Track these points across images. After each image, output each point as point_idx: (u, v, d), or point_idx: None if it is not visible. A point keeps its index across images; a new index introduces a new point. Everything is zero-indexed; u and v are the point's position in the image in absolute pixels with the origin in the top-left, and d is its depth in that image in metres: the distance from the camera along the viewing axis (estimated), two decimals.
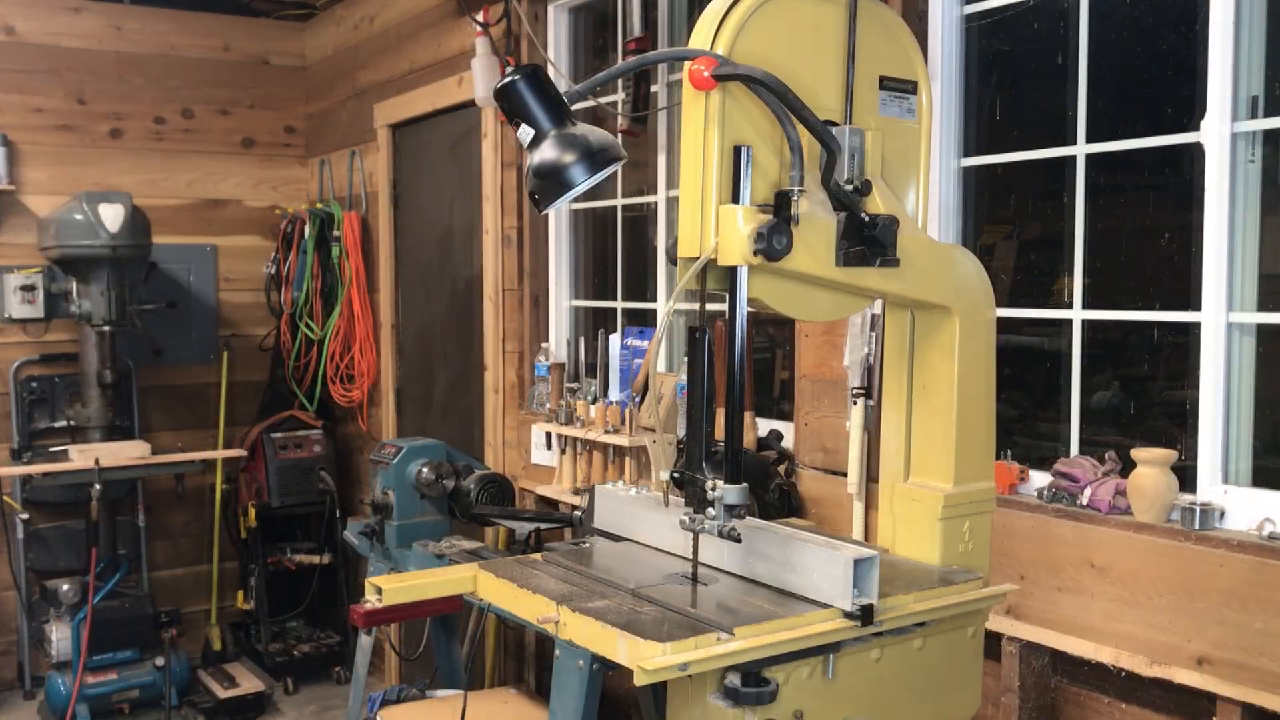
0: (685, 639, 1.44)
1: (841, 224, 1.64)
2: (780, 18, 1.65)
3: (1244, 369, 2.40)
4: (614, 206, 4.27)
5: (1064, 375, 2.71)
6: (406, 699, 3.61)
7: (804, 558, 1.67)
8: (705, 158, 1.60)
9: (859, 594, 1.60)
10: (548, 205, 1.72)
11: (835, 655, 1.59)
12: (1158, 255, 2.61)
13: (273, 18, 6.21)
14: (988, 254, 2.96)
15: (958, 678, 1.77)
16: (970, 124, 2.94)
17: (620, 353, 3.93)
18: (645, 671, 1.40)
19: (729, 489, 1.63)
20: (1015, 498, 2.65)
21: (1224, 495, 2.36)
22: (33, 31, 5.65)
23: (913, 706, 1.71)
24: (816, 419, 3.11)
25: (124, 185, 5.61)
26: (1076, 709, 2.54)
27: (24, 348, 5.58)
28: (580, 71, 4.44)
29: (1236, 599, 2.21)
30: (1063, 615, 2.50)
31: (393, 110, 5.33)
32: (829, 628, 1.58)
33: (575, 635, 1.56)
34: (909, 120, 1.81)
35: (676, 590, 1.68)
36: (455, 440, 4.55)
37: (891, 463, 1.91)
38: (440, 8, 4.90)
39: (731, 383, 1.64)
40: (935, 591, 1.69)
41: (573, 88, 1.71)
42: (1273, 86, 2.35)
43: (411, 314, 5.47)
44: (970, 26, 2.92)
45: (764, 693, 1.49)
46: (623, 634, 1.46)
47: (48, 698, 5.04)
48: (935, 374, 1.83)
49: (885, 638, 1.64)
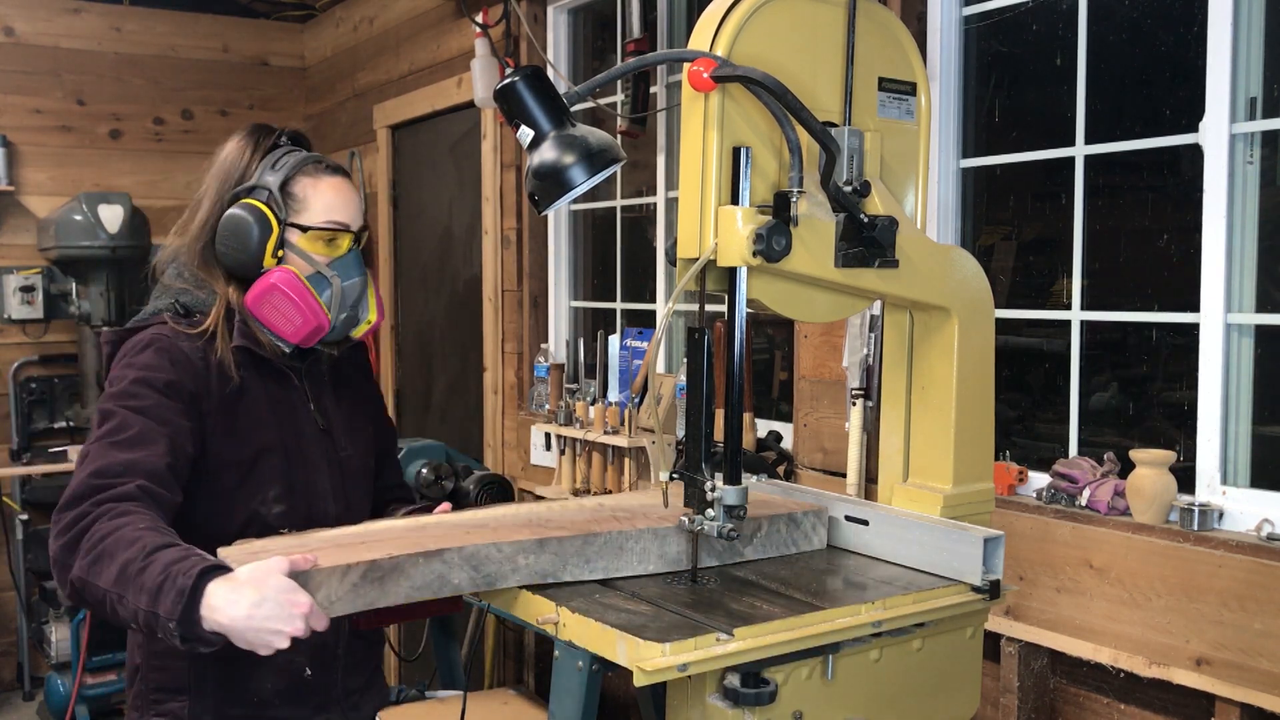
0: (685, 640, 1.44)
1: (840, 225, 1.64)
2: (780, 19, 1.65)
3: (1243, 370, 2.40)
4: (614, 207, 4.27)
5: (1063, 376, 2.72)
6: (406, 700, 3.61)
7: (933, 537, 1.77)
8: (705, 159, 1.60)
9: (988, 570, 1.71)
10: (547, 206, 1.72)
11: (835, 656, 1.59)
12: (1157, 256, 2.61)
13: (272, 19, 6.22)
14: (987, 255, 2.96)
15: (957, 678, 1.77)
16: (969, 125, 2.94)
17: (620, 354, 3.94)
18: (645, 672, 1.40)
19: (729, 490, 1.63)
20: (1014, 498, 2.65)
21: (1223, 496, 2.36)
22: (32, 32, 5.65)
23: (912, 707, 1.71)
24: (816, 420, 3.12)
25: (123, 186, 5.61)
26: (1075, 709, 2.54)
27: (23, 348, 5.58)
28: (580, 73, 4.44)
29: (1235, 600, 2.21)
30: (1062, 616, 2.51)
31: (392, 111, 5.33)
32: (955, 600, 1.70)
33: (575, 636, 1.56)
34: (908, 121, 1.81)
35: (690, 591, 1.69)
36: (455, 441, 4.56)
37: (890, 463, 1.91)
38: (439, 9, 4.90)
39: (731, 384, 1.64)
40: (935, 592, 1.69)
41: (572, 89, 1.71)
42: (1272, 87, 2.35)
43: (411, 315, 5.47)
44: (969, 28, 2.92)
45: (763, 693, 1.50)
46: (622, 635, 1.46)
47: (47, 698, 5.04)
48: (934, 375, 1.83)
49: (884, 638, 1.65)
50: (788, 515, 1.86)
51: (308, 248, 1.95)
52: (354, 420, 2.10)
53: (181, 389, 1.84)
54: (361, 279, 1.99)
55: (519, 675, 4.49)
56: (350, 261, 1.98)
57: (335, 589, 1.53)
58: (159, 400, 1.80)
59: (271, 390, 1.97)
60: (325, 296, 1.93)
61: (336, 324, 1.96)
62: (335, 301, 1.95)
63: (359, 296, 1.99)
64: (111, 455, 1.73)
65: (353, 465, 2.06)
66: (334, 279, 1.95)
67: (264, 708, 1.95)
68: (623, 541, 1.71)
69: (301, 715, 1.99)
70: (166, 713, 1.92)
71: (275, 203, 1.93)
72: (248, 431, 1.91)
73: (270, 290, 1.89)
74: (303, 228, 1.94)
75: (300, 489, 1.95)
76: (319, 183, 1.97)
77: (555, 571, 1.67)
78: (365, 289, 2.01)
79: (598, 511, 1.84)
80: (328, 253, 1.96)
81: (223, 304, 1.94)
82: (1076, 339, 2.68)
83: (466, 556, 1.61)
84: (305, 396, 2.01)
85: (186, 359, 1.86)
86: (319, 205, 1.95)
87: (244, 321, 1.94)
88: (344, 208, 1.97)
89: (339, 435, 2.05)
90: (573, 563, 1.68)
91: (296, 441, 1.97)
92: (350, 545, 1.64)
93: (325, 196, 1.96)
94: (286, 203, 1.94)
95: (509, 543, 1.64)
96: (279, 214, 1.92)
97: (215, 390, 1.88)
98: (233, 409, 1.90)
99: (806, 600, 1.63)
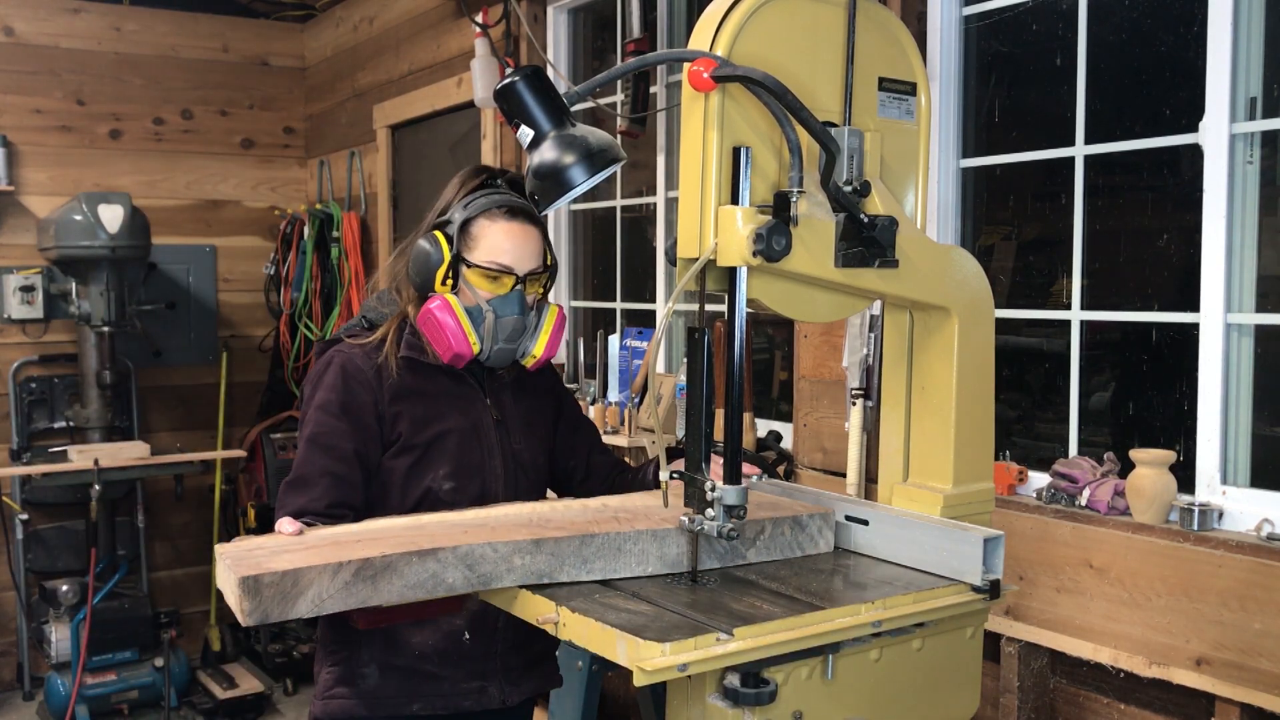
0: (685, 639, 1.44)
1: (840, 225, 1.64)
2: (780, 19, 1.65)
3: (1243, 370, 2.40)
4: (614, 207, 4.27)
5: (1063, 376, 2.72)
6: None
7: (932, 537, 1.76)
8: (705, 159, 1.60)
9: (988, 570, 1.70)
10: (547, 206, 1.72)
11: (835, 656, 1.59)
12: (1157, 256, 2.61)
13: (272, 19, 6.21)
14: (987, 255, 2.96)
15: (957, 678, 1.77)
16: (969, 125, 2.94)
17: (620, 353, 3.94)
18: (645, 672, 1.40)
19: (729, 490, 1.63)
20: (1014, 498, 2.65)
21: (1223, 496, 2.36)
22: (32, 32, 5.65)
23: (912, 707, 1.71)
24: (816, 420, 3.12)
25: (123, 186, 5.61)
26: (1075, 709, 2.54)
27: (23, 348, 5.58)
28: (580, 73, 4.44)
29: (1235, 599, 2.21)
30: (1062, 616, 2.51)
31: (392, 111, 5.33)
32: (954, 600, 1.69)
33: (575, 636, 1.56)
34: (908, 121, 1.81)
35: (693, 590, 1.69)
36: None
37: (890, 463, 1.91)
38: (439, 9, 4.90)
39: (731, 383, 1.64)
40: (934, 592, 1.69)
41: (572, 89, 1.71)
42: (1271, 88, 2.35)
43: None
44: (969, 28, 2.92)
45: (763, 693, 1.49)
46: (622, 634, 1.46)
47: (47, 698, 5.04)
48: (934, 375, 1.83)
49: (884, 638, 1.65)
50: (793, 518, 1.85)
51: (473, 281, 2.14)
52: (531, 421, 2.30)
53: (353, 405, 2.13)
54: (520, 316, 2.15)
55: None
56: (511, 300, 2.14)
57: (327, 587, 1.53)
58: (332, 425, 2.11)
59: (447, 386, 2.20)
60: (477, 327, 2.13)
61: (489, 353, 2.15)
62: (488, 333, 2.13)
63: (521, 331, 2.17)
64: (285, 503, 2.06)
65: (524, 458, 2.26)
66: (488, 313, 2.13)
67: (422, 661, 2.15)
68: (621, 543, 1.71)
69: (457, 677, 2.17)
70: (340, 660, 2.16)
71: (454, 238, 2.14)
72: (424, 419, 2.16)
73: (427, 313, 2.13)
74: (469, 264, 2.14)
75: (472, 469, 2.17)
76: (494, 225, 2.15)
77: (552, 572, 1.66)
78: (532, 325, 2.19)
79: (600, 512, 1.84)
80: (491, 289, 2.14)
81: (398, 318, 2.21)
82: (1076, 339, 2.68)
83: (461, 556, 1.61)
84: (481, 392, 2.23)
85: (359, 371, 2.15)
86: (486, 245, 2.14)
87: (415, 334, 2.19)
88: (510, 252, 2.14)
89: (513, 429, 2.25)
90: (570, 563, 1.68)
91: (473, 427, 2.20)
92: (346, 543, 1.64)
93: (494, 239, 2.14)
94: (463, 239, 2.15)
95: (504, 542, 1.64)
96: (453, 248, 2.14)
97: (388, 390, 2.15)
98: (409, 401, 2.15)
99: (806, 600, 1.63)
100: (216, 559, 1.63)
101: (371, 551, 1.57)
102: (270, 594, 1.50)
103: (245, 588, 1.48)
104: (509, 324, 2.14)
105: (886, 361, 1.92)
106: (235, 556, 1.56)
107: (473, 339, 2.13)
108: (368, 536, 1.68)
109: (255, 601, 1.49)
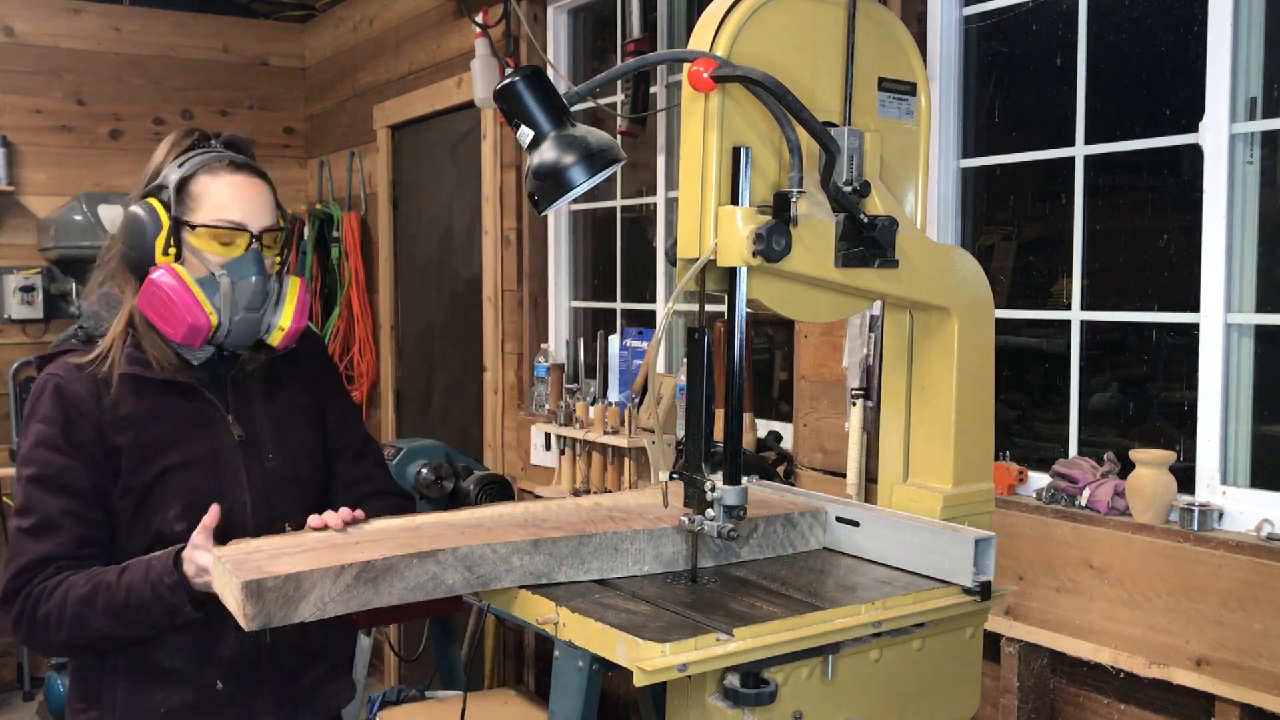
0: (684, 640, 1.44)
1: (840, 225, 1.64)
2: (779, 19, 1.65)
3: (1243, 370, 2.40)
4: (614, 207, 4.27)
5: (1063, 376, 2.72)
6: (406, 700, 3.62)
7: (923, 538, 1.76)
8: (704, 159, 1.60)
9: (979, 571, 1.70)
10: (547, 206, 1.72)
11: (835, 656, 1.59)
12: (1157, 256, 2.61)
13: (272, 19, 6.22)
14: (987, 255, 2.96)
15: (957, 679, 1.77)
16: (969, 125, 2.94)
17: (620, 354, 3.94)
18: (644, 672, 1.40)
19: (728, 490, 1.63)
20: (1014, 499, 2.65)
21: (1223, 496, 2.36)
22: (32, 33, 5.66)
23: (912, 707, 1.71)
24: (816, 420, 3.12)
25: (123, 186, 5.61)
26: (1075, 710, 2.54)
27: (23, 348, 5.58)
28: (580, 73, 4.44)
29: (1235, 600, 2.21)
30: (1062, 616, 2.51)
31: (392, 111, 5.33)
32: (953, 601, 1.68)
33: (574, 636, 1.56)
34: (908, 121, 1.81)
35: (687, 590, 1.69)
36: (455, 441, 4.55)
37: (890, 463, 1.91)
38: (439, 9, 4.90)
39: (731, 384, 1.64)
40: (934, 592, 1.69)
41: (572, 89, 1.71)
42: (1271, 88, 2.35)
43: (411, 315, 5.47)
44: (969, 28, 2.92)
45: (763, 693, 1.49)
46: (622, 634, 1.46)
47: (47, 698, 5.04)
48: (934, 375, 1.83)
49: (884, 639, 1.65)
50: (784, 516, 1.86)
51: (200, 246, 1.88)
52: (289, 426, 2.04)
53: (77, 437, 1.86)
54: (260, 280, 1.89)
55: (519, 675, 4.49)
56: (247, 262, 1.88)
57: (329, 590, 1.53)
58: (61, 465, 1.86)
59: (179, 408, 1.93)
60: (212, 297, 1.86)
61: (230, 325, 1.88)
62: (226, 301, 1.87)
63: (264, 300, 1.90)
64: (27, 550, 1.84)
65: (282, 474, 2.00)
66: (222, 278, 1.87)
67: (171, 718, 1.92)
68: (618, 542, 1.71)
69: None
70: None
71: (169, 202, 1.89)
72: (146, 454, 1.89)
73: (148, 286, 1.85)
74: (192, 225, 1.88)
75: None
76: (217, 180, 1.90)
77: (550, 572, 1.67)
78: (275, 293, 1.93)
79: (594, 511, 1.84)
80: (222, 253, 1.89)
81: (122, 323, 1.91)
82: (1076, 339, 2.68)
83: (460, 557, 1.61)
84: (221, 409, 1.97)
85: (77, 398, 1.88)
86: (211, 203, 1.88)
87: (136, 343, 1.91)
88: (239, 206, 1.89)
89: (265, 444, 1.99)
90: (568, 563, 1.68)
91: (209, 455, 1.94)
92: (344, 546, 1.64)
93: (219, 194, 1.89)
94: (182, 200, 1.89)
95: (503, 543, 1.64)
96: (171, 211, 1.88)
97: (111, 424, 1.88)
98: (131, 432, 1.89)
99: (806, 600, 1.63)
100: (215, 563, 1.63)
101: (372, 554, 1.57)
102: (273, 598, 1.50)
103: (248, 592, 1.48)
104: (248, 288, 1.87)
105: (886, 362, 1.92)
106: (235, 560, 1.56)
107: (208, 308, 1.84)
108: (365, 539, 1.68)
109: (258, 606, 1.49)
